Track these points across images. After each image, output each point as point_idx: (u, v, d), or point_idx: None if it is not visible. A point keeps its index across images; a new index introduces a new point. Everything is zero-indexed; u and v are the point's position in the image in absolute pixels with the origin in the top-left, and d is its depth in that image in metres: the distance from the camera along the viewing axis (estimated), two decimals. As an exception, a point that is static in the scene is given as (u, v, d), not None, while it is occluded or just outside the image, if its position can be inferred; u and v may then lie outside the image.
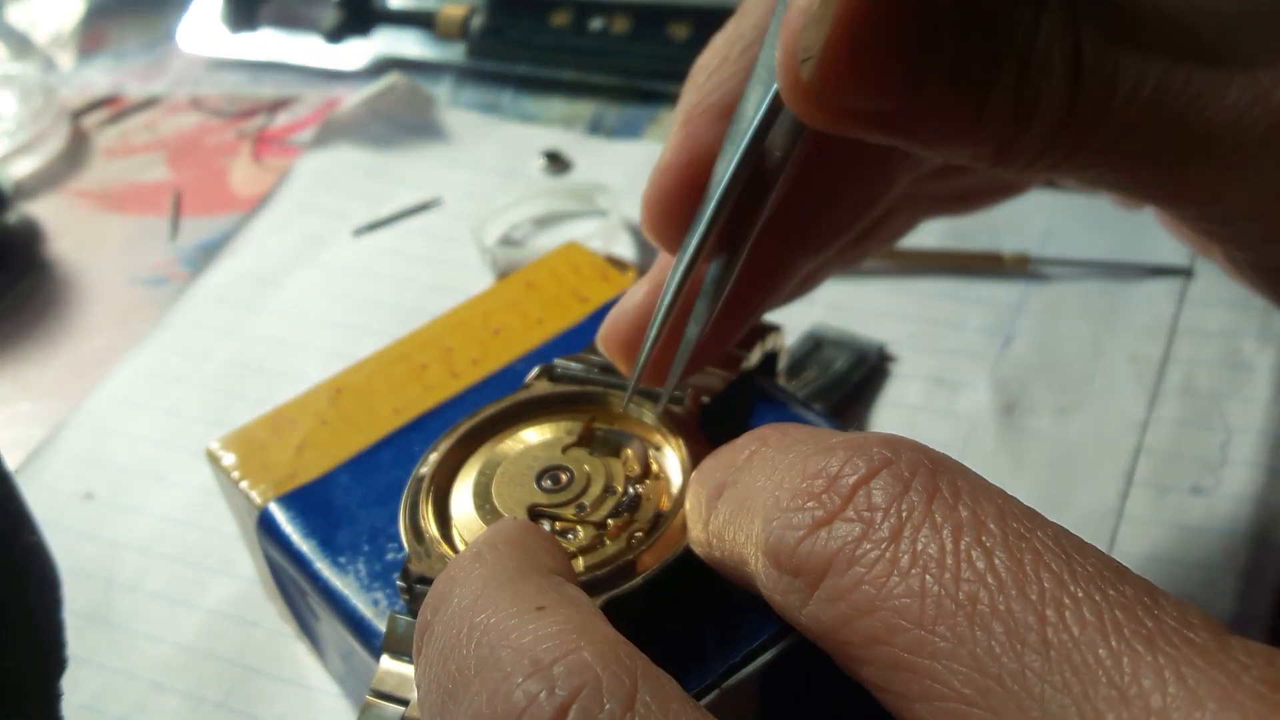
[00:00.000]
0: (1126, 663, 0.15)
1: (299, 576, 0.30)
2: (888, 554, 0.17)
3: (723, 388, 0.31)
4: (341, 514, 0.31)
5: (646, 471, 0.28)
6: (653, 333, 0.27)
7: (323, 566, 0.29)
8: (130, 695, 0.38)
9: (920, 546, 0.17)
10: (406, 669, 0.25)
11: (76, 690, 0.37)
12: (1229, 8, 0.24)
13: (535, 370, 0.32)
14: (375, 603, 0.28)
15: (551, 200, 0.56)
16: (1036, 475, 0.40)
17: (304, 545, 0.30)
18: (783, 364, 0.34)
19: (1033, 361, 0.44)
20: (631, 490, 0.28)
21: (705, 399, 0.30)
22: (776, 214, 0.29)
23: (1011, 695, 0.16)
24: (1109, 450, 0.40)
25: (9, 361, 0.53)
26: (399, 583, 0.27)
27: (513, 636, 0.18)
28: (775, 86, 0.24)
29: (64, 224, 0.61)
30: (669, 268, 0.27)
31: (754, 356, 0.32)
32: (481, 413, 0.30)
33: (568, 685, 0.17)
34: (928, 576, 0.17)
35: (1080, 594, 0.16)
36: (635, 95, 0.63)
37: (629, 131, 0.61)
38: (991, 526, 0.17)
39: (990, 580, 0.16)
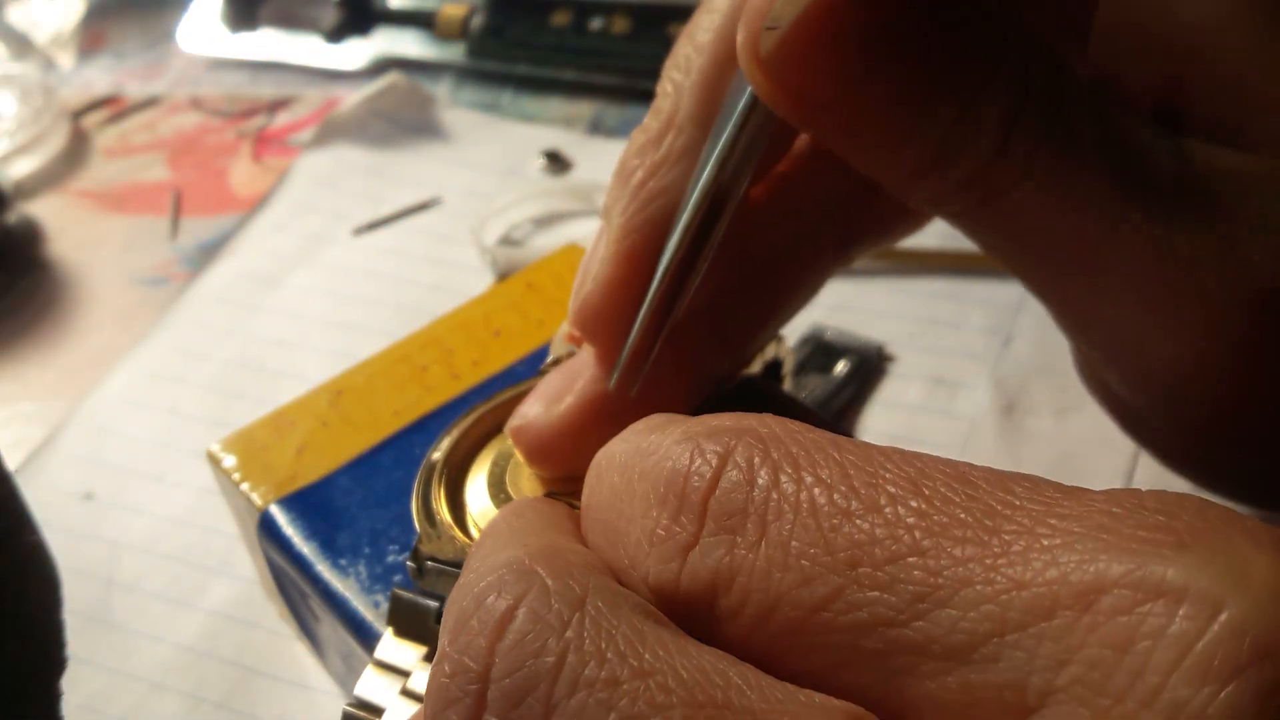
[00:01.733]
0: (1012, 557, 0.16)
1: (299, 578, 0.30)
2: (762, 555, 0.17)
3: (737, 380, 0.31)
4: (342, 516, 0.31)
5: None
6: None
7: (323, 568, 0.29)
8: (130, 695, 0.38)
9: (788, 535, 0.17)
10: (409, 646, 0.25)
11: (76, 690, 0.37)
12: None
13: (549, 360, 0.32)
14: (376, 604, 0.28)
15: (551, 200, 0.56)
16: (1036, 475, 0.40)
17: (305, 547, 0.30)
18: (786, 377, 0.34)
19: (1033, 361, 0.44)
20: None
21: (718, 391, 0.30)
22: (818, 219, 0.29)
23: (921, 634, 0.16)
24: (1109, 450, 0.40)
25: (9, 361, 0.53)
26: (408, 562, 0.27)
27: (489, 560, 0.19)
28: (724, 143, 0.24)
29: (64, 224, 0.61)
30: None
31: (754, 365, 0.32)
32: (497, 398, 0.31)
33: (514, 589, 0.18)
34: (805, 562, 0.17)
35: (945, 519, 0.16)
36: (635, 95, 0.63)
37: (629, 131, 0.61)
38: (841, 487, 0.17)
39: (862, 540, 0.17)
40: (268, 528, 0.31)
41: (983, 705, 0.15)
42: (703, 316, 0.27)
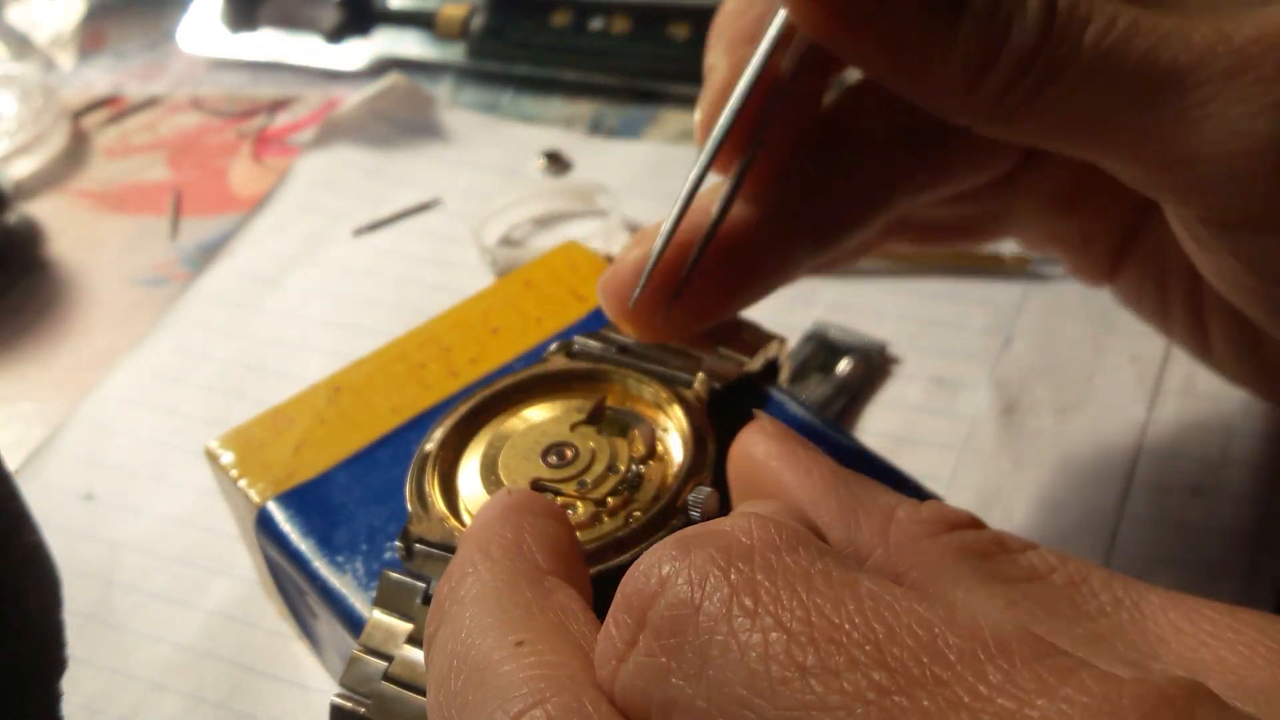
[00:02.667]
0: None
1: (297, 575, 0.30)
2: (700, 694, 0.16)
3: (733, 377, 0.31)
4: (339, 513, 0.31)
5: (651, 452, 0.29)
6: (662, 235, 0.28)
7: (321, 565, 0.29)
8: (130, 695, 0.38)
9: (733, 677, 0.16)
10: (395, 623, 0.26)
11: (76, 690, 0.37)
12: None
13: (555, 345, 0.32)
14: (372, 602, 0.28)
15: (551, 200, 0.56)
16: (1036, 475, 0.40)
17: (302, 544, 0.30)
18: (785, 376, 0.34)
19: (1033, 361, 0.44)
20: (634, 470, 0.28)
21: (716, 385, 0.30)
22: (789, 206, 0.30)
23: None
24: (1109, 450, 0.40)
25: (9, 361, 0.53)
26: (398, 543, 0.27)
27: (489, 678, 0.19)
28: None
29: (64, 224, 0.61)
30: (664, 225, 0.29)
31: (756, 362, 0.32)
32: (497, 384, 0.31)
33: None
34: (747, 714, 0.16)
35: (906, 704, 0.15)
36: (635, 95, 0.63)
37: (629, 131, 0.61)
38: (801, 639, 0.16)
39: (814, 706, 0.16)
40: (265, 524, 0.31)
41: None
42: (800, 212, 0.30)
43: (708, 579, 0.17)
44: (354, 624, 0.28)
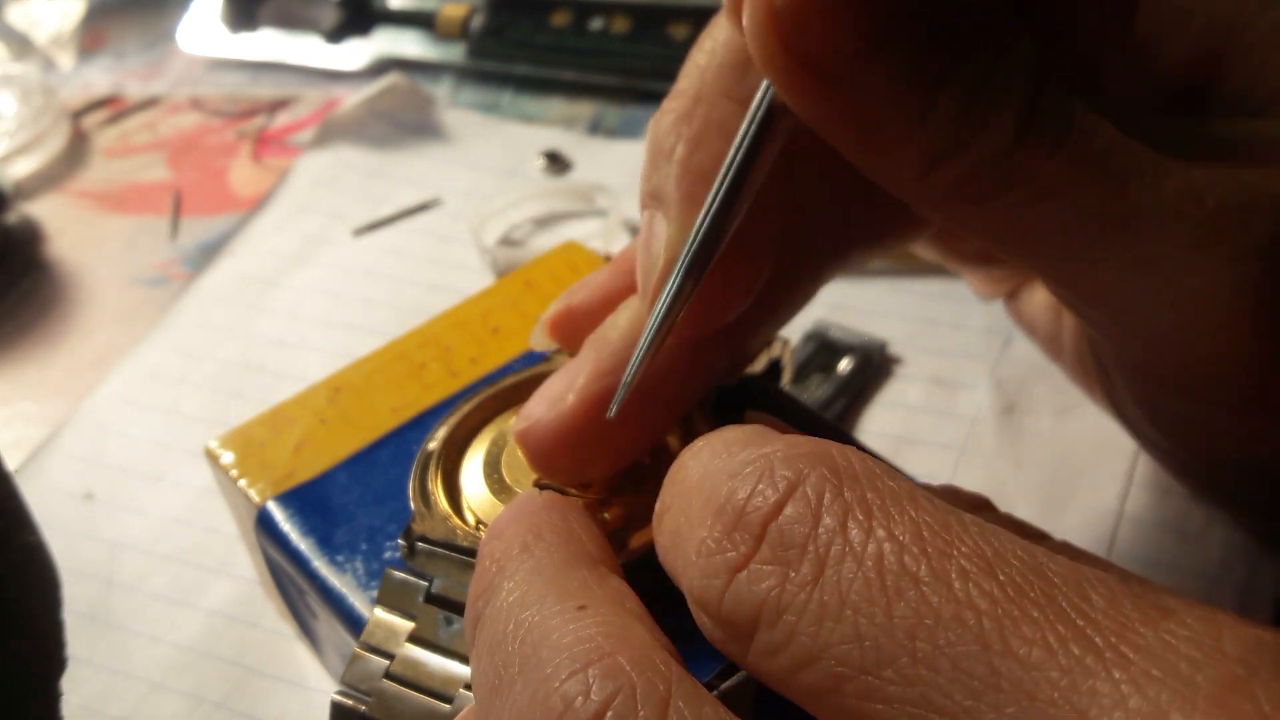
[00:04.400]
0: (1080, 681, 0.15)
1: (297, 575, 0.30)
2: (814, 599, 0.17)
3: (739, 376, 0.31)
4: (339, 513, 0.31)
5: (654, 450, 0.29)
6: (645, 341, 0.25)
7: (320, 565, 0.29)
8: (130, 695, 0.38)
9: (847, 585, 0.17)
10: (396, 621, 0.26)
11: (76, 690, 0.37)
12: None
13: (556, 346, 0.32)
14: (373, 601, 0.28)
15: (551, 200, 0.56)
16: (1036, 475, 0.40)
17: (302, 544, 0.30)
18: (787, 377, 0.34)
19: (1033, 361, 0.44)
20: (636, 468, 0.28)
21: (720, 384, 0.30)
22: (819, 221, 0.28)
23: None
24: (1109, 450, 0.40)
25: (9, 361, 0.53)
26: (400, 541, 0.27)
27: (554, 636, 0.19)
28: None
29: (64, 224, 0.61)
30: (635, 259, 0.26)
31: (759, 363, 0.32)
32: (492, 388, 0.31)
33: (603, 690, 0.17)
34: (861, 619, 0.16)
35: (1017, 613, 0.16)
36: (635, 95, 0.63)
37: (629, 131, 0.61)
38: (914, 549, 0.17)
39: (926, 613, 0.16)
40: (265, 524, 0.31)
41: None
42: (833, 225, 0.28)
43: (824, 495, 0.18)
44: (354, 624, 0.28)
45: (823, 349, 0.45)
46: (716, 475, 0.19)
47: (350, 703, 0.25)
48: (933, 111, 0.21)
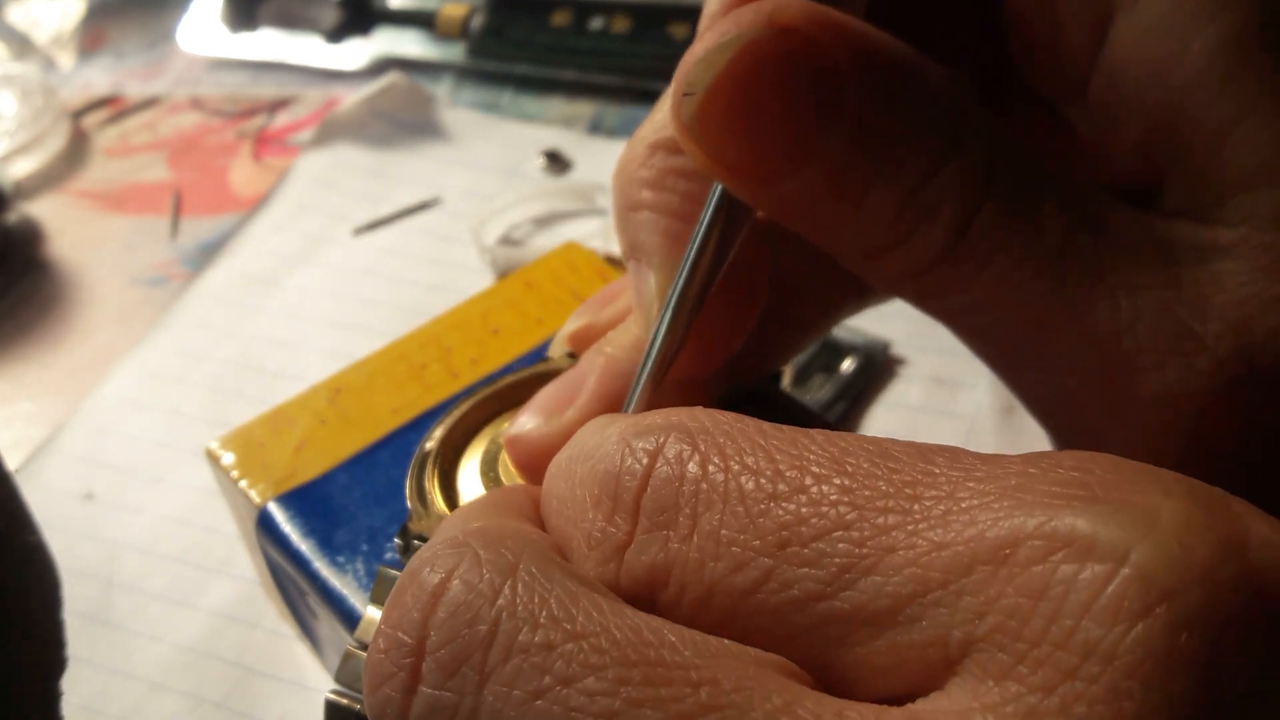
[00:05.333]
0: (934, 523, 0.16)
1: (298, 576, 0.30)
2: (694, 547, 0.18)
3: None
4: (340, 513, 0.31)
5: None
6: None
7: (321, 566, 0.29)
8: (130, 695, 0.38)
9: (718, 524, 0.18)
10: None
11: (76, 690, 0.37)
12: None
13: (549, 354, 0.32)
14: (372, 602, 0.28)
15: (551, 200, 0.56)
16: (1036, 475, 0.40)
17: (303, 544, 0.30)
18: (787, 380, 0.34)
19: (1033, 361, 0.44)
20: None
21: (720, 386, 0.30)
22: (814, 264, 0.28)
23: (849, 603, 0.16)
24: (1109, 450, 0.40)
25: (9, 361, 0.53)
26: (396, 540, 0.27)
27: (431, 541, 0.19)
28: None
29: (64, 224, 0.61)
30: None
31: None
32: (490, 388, 0.31)
33: (447, 562, 0.18)
34: (735, 549, 0.17)
35: (868, 493, 0.17)
36: (635, 95, 0.63)
37: (629, 131, 0.61)
38: (768, 471, 0.18)
39: (790, 521, 0.17)
40: (266, 525, 0.31)
41: (909, 663, 0.16)
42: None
43: (682, 454, 0.18)
44: (354, 624, 0.28)
45: (825, 349, 0.45)
46: (585, 468, 0.20)
47: (345, 702, 0.25)
48: (862, 210, 0.21)
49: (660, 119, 0.26)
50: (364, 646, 0.26)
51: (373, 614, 0.26)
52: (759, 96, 0.21)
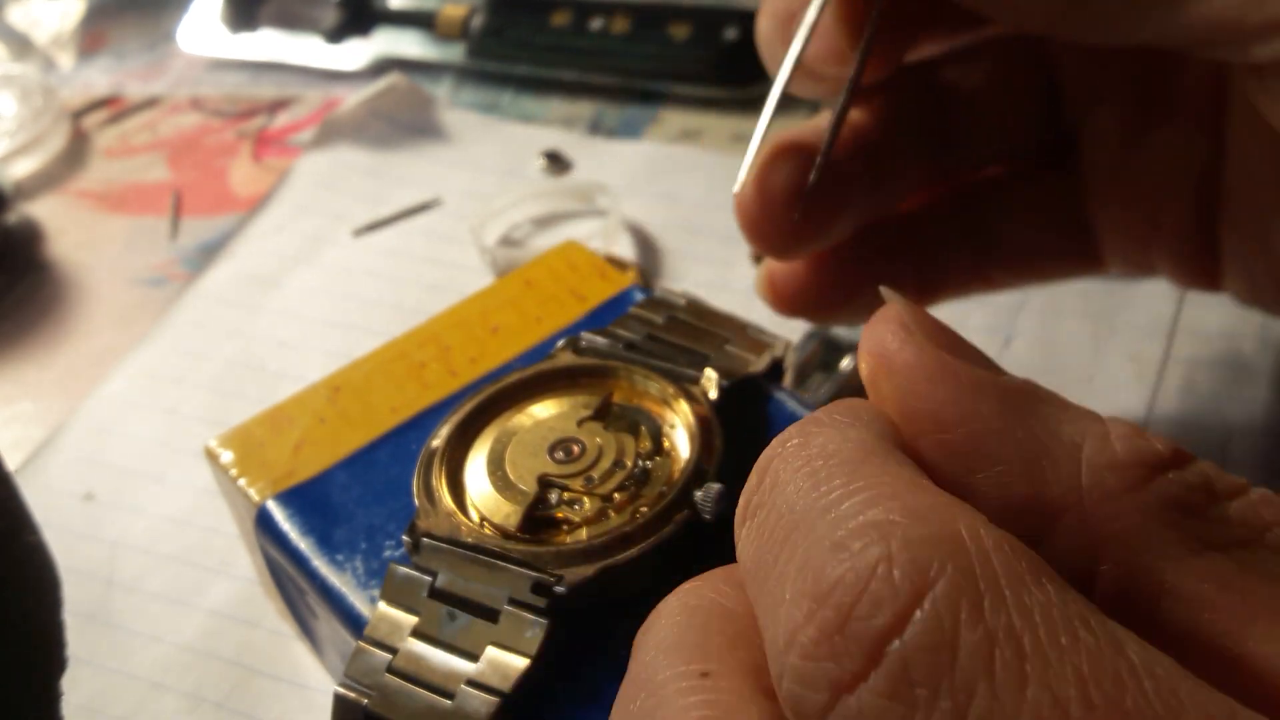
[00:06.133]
0: None
1: (297, 574, 0.30)
2: None
3: (740, 374, 0.31)
4: (339, 512, 0.31)
5: (658, 448, 0.29)
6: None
7: (320, 564, 0.29)
8: (130, 695, 0.38)
9: None
10: (400, 616, 0.26)
11: (76, 690, 0.37)
12: None
13: (562, 341, 0.32)
14: (372, 600, 0.28)
15: (551, 200, 0.56)
16: (1036, 474, 0.40)
17: (301, 543, 0.30)
18: (789, 379, 0.34)
19: (1033, 362, 0.44)
20: (641, 465, 0.28)
21: (724, 383, 0.30)
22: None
23: None
24: (1109, 449, 0.40)
25: (9, 361, 0.53)
26: (405, 538, 0.27)
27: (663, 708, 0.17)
28: None
29: (64, 224, 0.61)
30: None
31: (762, 362, 0.32)
32: (504, 380, 0.31)
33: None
34: None
35: None
36: (635, 95, 0.63)
37: (629, 131, 0.61)
38: (1078, 694, 0.14)
39: None
40: (265, 523, 0.31)
41: None
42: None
43: (959, 614, 0.14)
44: (354, 623, 0.28)
45: (824, 347, 0.45)
46: (815, 534, 0.16)
47: (353, 696, 0.25)
48: None
49: None
50: (374, 643, 0.26)
51: (384, 610, 0.26)
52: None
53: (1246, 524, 0.17)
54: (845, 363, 0.44)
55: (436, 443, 0.30)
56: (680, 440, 0.29)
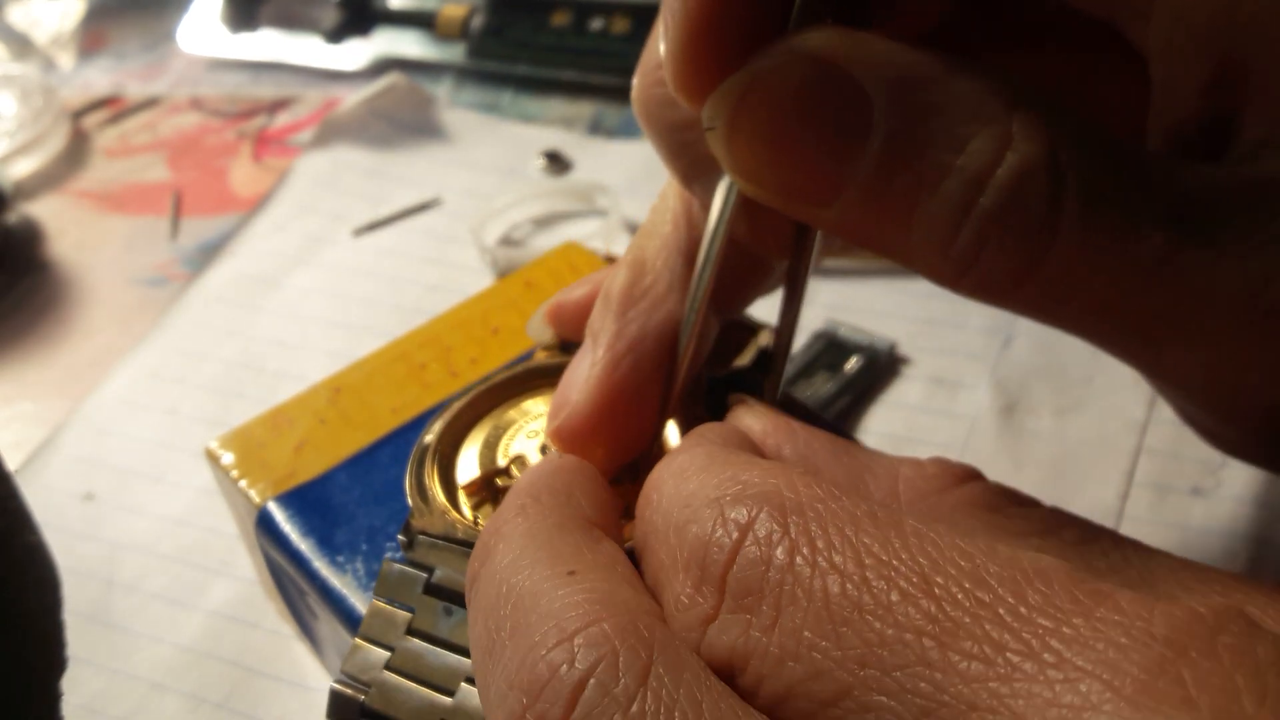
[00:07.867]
0: (1016, 687, 0.15)
1: (297, 575, 0.30)
2: (774, 643, 0.18)
3: (727, 370, 0.31)
4: (340, 513, 0.31)
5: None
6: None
7: (321, 565, 0.29)
8: (130, 696, 0.38)
9: (800, 623, 0.17)
10: (395, 612, 0.26)
11: (76, 690, 0.37)
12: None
13: (552, 337, 0.32)
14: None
15: (551, 200, 0.56)
16: (1036, 475, 0.40)
17: (302, 544, 0.30)
18: (791, 370, 0.34)
19: (1033, 361, 0.44)
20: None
21: (712, 376, 0.30)
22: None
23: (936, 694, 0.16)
24: (1109, 450, 0.40)
25: (9, 361, 0.53)
26: (400, 536, 0.27)
27: (542, 602, 0.19)
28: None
29: (64, 224, 0.61)
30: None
31: (747, 355, 0.32)
32: (495, 378, 0.31)
33: (587, 659, 0.18)
34: (816, 655, 0.17)
35: (953, 628, 0.16)
36: (635, 95, 0.63)
37: (629, 131, 0.61)
38: (855, 576, 0.17)
39: (872, 640, 0.17)
40: (266, 525, 0.31)
41: None
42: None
43: (771, 536, 0.18)
44: (354, 623, 0.28)
45: (831, 347, 0.45)
46: (680, 520, 0.20)
47: (350, 692, 0.25)
48: (911, 230, 0.21)
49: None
50: (369, 639, 0.26)
51: (379, 606, 0.26)
52: (777, 124, 0.21)
53: (1045, 522, 0.21)
54: (851, 363, 0.44)
55: (428, 439, 0.30)
56: (671, 434, 0.29)
